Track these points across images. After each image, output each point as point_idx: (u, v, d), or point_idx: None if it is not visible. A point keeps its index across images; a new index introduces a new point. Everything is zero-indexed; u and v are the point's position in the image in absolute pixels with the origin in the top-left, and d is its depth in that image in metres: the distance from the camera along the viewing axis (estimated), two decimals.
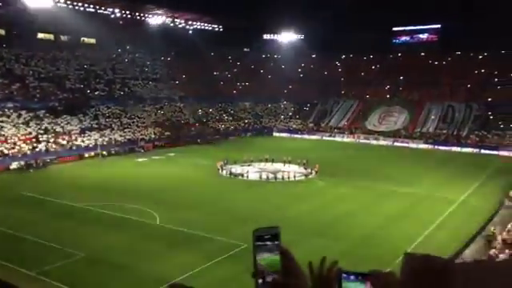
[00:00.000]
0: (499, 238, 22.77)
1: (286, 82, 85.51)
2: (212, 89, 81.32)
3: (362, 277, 1.52)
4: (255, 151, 51.10)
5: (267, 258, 1.60)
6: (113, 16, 66.79)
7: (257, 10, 74.38)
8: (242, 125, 74.50)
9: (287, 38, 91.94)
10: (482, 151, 56.25)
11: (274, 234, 1.65)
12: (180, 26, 77.49)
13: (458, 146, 59.42)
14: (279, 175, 40.92)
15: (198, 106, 75.39)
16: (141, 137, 59.00)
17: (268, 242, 1.63)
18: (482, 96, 68.37)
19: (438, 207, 30.43)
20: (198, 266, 20.49)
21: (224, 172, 42.58)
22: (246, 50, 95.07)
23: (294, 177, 40.94)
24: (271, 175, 40.93)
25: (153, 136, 60.64)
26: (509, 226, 23.98)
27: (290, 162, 45.54)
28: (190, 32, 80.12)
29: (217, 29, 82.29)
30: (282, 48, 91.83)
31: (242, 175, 41.15)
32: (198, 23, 79.12)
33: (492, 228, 24.60)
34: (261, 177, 40.72)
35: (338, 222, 27.39)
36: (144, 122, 63.87)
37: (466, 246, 22.39)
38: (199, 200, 32.33)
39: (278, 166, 44.85)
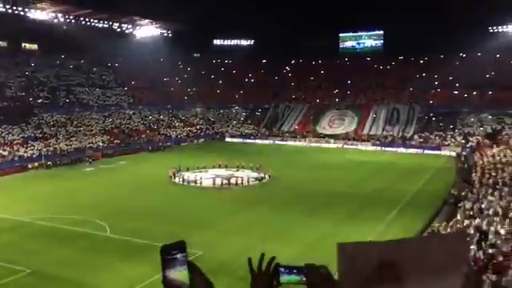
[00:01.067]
0: (443, 233, 23.86)
1: (238, 87, 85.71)
2: (162, 95, 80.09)
3: (297, 270, 1.64)
4: (208, 157, 50.78)
5: (177, 271, 1.65)
6: (56, 21, 64.14)
7: (207, 14, 74.06)
8: (194, 131, 73.82)
9: (238, 43, 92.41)
10: (426, 151, 58.89)
11: (182, 247, 1.70)
12: (127, 31, 75.72)
13: (403, 147, 61.89)
14: (233, 180, 40.84)
15: (147, 112, 73.96)
16: (88, 145, 56.94)
17: (177, 256, 1.67)
18: (423, 98, 71.77)
19: (387, 207, 31.44)
20: (150, 276, 19.89)
21: (177, 179, 41.94)
22: (196, 55, 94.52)
23: (248, 181, 41.02)
24: (225, 181, 40.79)
25: (101, 144, 58.69)
26: (451, 221, 25.22)
27: (243, 167, 45.61)
28: (138, 37, 78.47)
29: (166, 34, 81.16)
30: (232, 53, 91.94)
31: (195, 182, 40.69)
32: (146, 28, 77.66)
33: (437, 225, 25.78)
34: (214, 183, 40.47)
35: (292, 225, 27.66)
36: (91, 130, 61.74)
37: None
38: (151, 209, 31.58)
39: (232, 171, 44.79)
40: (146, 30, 77.95)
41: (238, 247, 22.92)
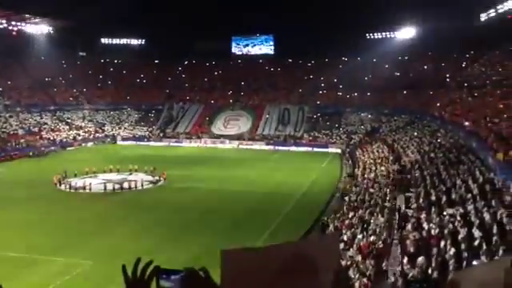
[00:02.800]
0: (331, 225, 25.43)
1: (129, 88, 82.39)
2: (44, 96, 73.83)
3: (175, 275, 1.58)
4: (98, 161, 48.01)
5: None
6: None
7: (93, 12, 69.83)
8: (82, 134, 69.25)
9: (128, 42, 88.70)
10: (315, 149, 62.42)
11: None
12: (1, 26, 68.36)
13: (295, 145, 64.88)
14: (125, 185, 39.10)
15: (27, 115, 67.58)
16: None
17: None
18: (312, 99, 75.99)
19: (280, 203, 32.54)
20: None
21: (63, 186, 38.92)
22: (82, 54, 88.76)
23: (142, 185, 39.61)
24: (117, 185, 38.84)
25: None
26: (338, 214, 27.02)
27: (136, 171, 43.93)
28: (15, 34, 71.27)
29: (47, 31, 74.89)
30: (123, 52, 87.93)
31: (84, 188, 38.16)
32: (24, 24, 70.86)
33: (326, 218, 27.41)
34: (105, 188, 38.32)
35: (189, 227, 27.31)
36: None
37: (306, 235, 24.47)
38: (33, 220, 28.82)
39: (124, 175, 42.86)
40: (26, 27, 71.15)
41: (131, 255, 21.83)
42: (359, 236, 21.53)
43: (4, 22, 68.31)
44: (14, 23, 69.94)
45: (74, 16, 66.88)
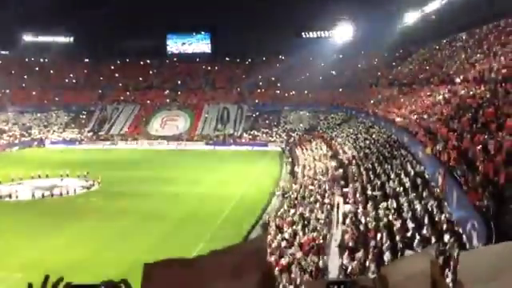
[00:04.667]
0: (273, 223, 25.41)
1: (57, 89, 77.95)
2: None
3: None
4: (25, 167, 44.85)
5: None
6: None
7: (14, 6, 65.24)
8: (6, 138, 64.50)
9: (55, 40, 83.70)
10: (255, 148, 62.55)
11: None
12: None
13: (234, 145, 64.65)
14: (56, 191, 36.81)
15: None
16: None
17: None
18: (250, 98, 76.20)
19: (221, 204, 32.11)
20: None
21: None
22: (3, 52, 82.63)
23: (75, 191, 37.48)
24: (47, 192, 36.47)
25: None
26: (279, 212, 27.07)
27: (68, 176, 41.53)
28: None
29: None
30: (48, 51, 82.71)
31: (10, 196, 35.48)
32: None
33: (267, 216, 27.38)
34: (34, 195, 35.83)
35: (125, 233, 26.15)
36: None
37: (248, 235, 24.25)
38: None
39: (55, 181, 40.33)
40: None
41: (63, 265, 20.57)
42: (300, 233, 21.64)
43: None
44: None
45: None
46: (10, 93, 75.25)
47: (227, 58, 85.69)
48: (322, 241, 20.46)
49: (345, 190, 27.81)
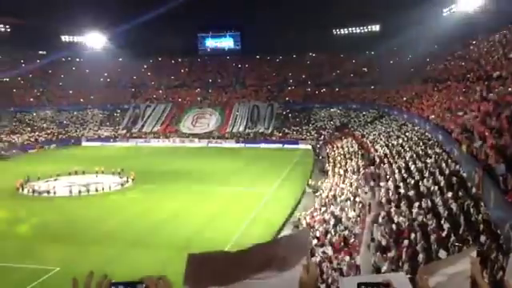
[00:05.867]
0: (304, 222, 25.37)
1: (92, 88, 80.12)
2: (3, 97, 70.84)
3: (132, 286, 1.52)
4: (63, 164, 46.37)
5: None
6: None
7: (52, 8, 67.38)
8: (45, 136, 66.84)
9: (90, 40, 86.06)
10: (285, 146, 62.43)
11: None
12: None
13: (265, 142, 64.72)
14: (92, 187, 37.89)
15: None
16: None
17: None
18: (280, 96, 76.07)
19: (251, 202, 32.26)
20: None
21: (25, 191, 37.35)
22: (41, 52, 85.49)
23: (110, 187, 38.48)
24: (83, 188, 37.61)
25: None
26: (310, 210, 26.98)
27: (103, 172, 42.68)
28: None
29: (3, 29, 71.78)
30: (84, 51, 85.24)
31: (48, 192, 36.74)
32: None
33: (298, 214, 27.34)
34: (71, 191, 37.02)
35: (158, 229, 26.63)
36: None
37: (278, 233, 24.29)
38: None
39: (90, 177, 41.53)
40: None
41: (101, 258, 21.28)
42: (331, 231, 21.52)
43: None
44: None
45: (31, 14, 64.34)
46: (48, 91, 77.81)
47: (257, 56, 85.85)
48: (353, 239, 20.29)
49: (377, 188, 27.40)
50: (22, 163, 50.62)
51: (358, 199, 25.91)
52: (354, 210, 23.81)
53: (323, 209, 25.99)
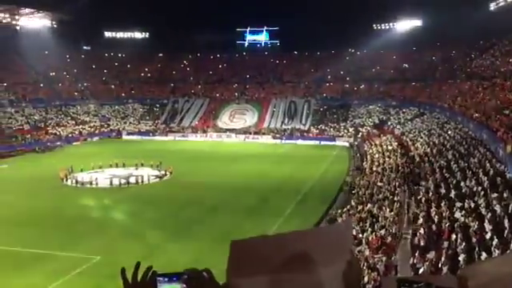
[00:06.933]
0: (339, 219, 25.09)
1: (133, 82, 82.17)
2: (49, 90, 73.84)
3: (176, 278, 1.53)
4: (104, 156, 47.88)
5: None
6: None
7: (96, 4, 69.53)
8: (88, 129, 69.23)
9: (131, 35, 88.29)
10: (322, 142, 61.86)
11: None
12: (5, 21, 68.29)
13: (301, 139, 64.38)
14: (132, 179, 38.93)
15: (32, 110, 67.65)
16: None
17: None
18: (318, 92, 75.38)
19: (288, 198, 32.20)
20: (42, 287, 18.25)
21: (69, 181, 38.87)
22: (86, 47, 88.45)
23: (148, 180, 39.43)
24: (123, 180, 38.70)
25: None
26: (346, 208, 26.65)
27: (142, 165, 43.78)
28: (18, 28, 71.21)
29: (50, 24, 74.75)
30: (125, 46, 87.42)
31: (91, 183, 38.07)
32: (28, 18, 70.74)
33: (333, 212, 27.08)
34: (112, 183, 38.19)
35: (196, 222, 27.06)
36: None
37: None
38: (39, 214, 28.78)
39: (130, 169, 42.70)
40: (28, 21, 71.11)
41: (140, 249, 21.82)
42: (368, 230, 21.19)
43: (7, 16, 68.32)
44: (16, 18, 69.93)
45: (76, 9, 66.60)
46: (91, 86, 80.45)
47: (295, 52, 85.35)
48: (390, 239, 19.91)
49: (416, 187, 26.75)
50: (66, 155, 52.66)
51: (396, 198, 25.38)
52: (392, 210, 23.34)
53: (359, 207, 25.62)
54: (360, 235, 20.56)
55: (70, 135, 65.04)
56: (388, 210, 23.46)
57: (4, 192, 34.31)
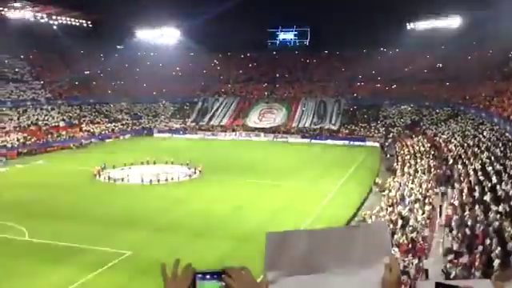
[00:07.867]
0: (369, 221, 24.75)
1: (165, 81, 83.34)
2: (83, 89, 75.91)
3: (216, 275, 1.54)
4: (135, 153, 48.86)
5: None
6: None
7: (128, 5, 70.97)
8: (120, 126, 70.80)
9: (163, 35, 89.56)
10: (352, 143, 61.12)
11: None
12: (42, 20, 70.64)
13: (331, 139, 63.77)
14: (162, 177, 39.58)
15: (68, 107, 69.72)
16: (1, 144, 52.44)
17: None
18: (348, 91, 74.50)
19: (316, 198, 32.03)
20: (75, 280, 18.82)
21: (102, 177, 39.90)
22: (119, 47, 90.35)
23: (178, 178, 39.98)
24: (154, 177, 39.42)
25: (16, 143, 54.33)
26: (376, 209, 26.28)
27: (172, 163, 44.43)
28: (55, 27, 73.53)
29: (85, 24, 76.80)
30: (157, 45, 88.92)
31: (122, 179, 38.97)
32: (64, 18, 72.94)
33: (363, 213, 26.75)
34: (143, 180, 38.92)
35: (223, 220, 27.28)
36: (5, 128, 56.94)
37: None
38: (74, 209, 29.73)
39: (161, 167, 43.41)
40: (62, 20, 73.34)
41: (169, 245, 22.20)
42: (399, 233, 20.84)
43: (45, 16, 70.59)
44: (54, 17, 72.15)
45: (110, 8, 68.18)
46: (124, 84, 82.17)
47: (326, 51, 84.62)
48: (422, 242, 19.54)
49: (449, 190, 26.10)
50: (99, 152, 54.03)
51: (427, 200, 24.84)
52: (424, 212, 22.86)
53: (390, 209, 25.21)
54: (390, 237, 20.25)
55: (103, 132, 66.71)
56: (420, 212, 23.01)
57: (41, 187, 35.54)
